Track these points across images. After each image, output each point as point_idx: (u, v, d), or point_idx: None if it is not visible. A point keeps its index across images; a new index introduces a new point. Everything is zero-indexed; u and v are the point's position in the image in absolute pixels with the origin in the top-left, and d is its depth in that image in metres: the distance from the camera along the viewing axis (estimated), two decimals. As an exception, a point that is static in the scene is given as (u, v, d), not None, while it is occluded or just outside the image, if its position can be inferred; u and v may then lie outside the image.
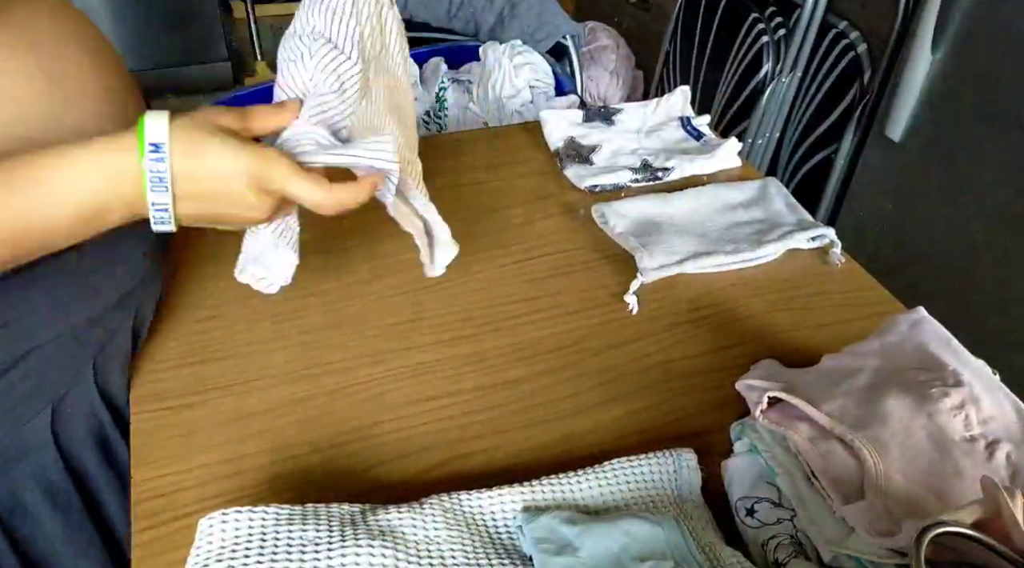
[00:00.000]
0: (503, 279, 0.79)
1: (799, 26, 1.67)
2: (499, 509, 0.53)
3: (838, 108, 1.65)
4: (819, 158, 1.72)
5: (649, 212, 0.86)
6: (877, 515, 0.46)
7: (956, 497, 0.48)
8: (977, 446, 0.51)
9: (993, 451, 0.51)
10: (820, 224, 0.84)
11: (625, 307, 0.76)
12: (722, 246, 0.81)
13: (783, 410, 0.56)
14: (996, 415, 0.53)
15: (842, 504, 0.49)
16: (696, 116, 1.04)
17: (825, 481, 0.50)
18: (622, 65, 2.39)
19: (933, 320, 0.62)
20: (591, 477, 0.55)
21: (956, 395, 0.53)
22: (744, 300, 0.78)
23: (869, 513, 0.47)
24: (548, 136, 1.00)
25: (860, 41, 1.61)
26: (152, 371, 0.67)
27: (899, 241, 1.56)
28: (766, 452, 0.55)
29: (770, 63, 1.73)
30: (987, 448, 0.51)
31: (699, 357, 0.71)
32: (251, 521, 0.48)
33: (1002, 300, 1.36)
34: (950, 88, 1.39)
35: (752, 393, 0.59)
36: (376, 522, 0.49)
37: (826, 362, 0.62)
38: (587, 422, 0.64)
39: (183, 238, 0.67)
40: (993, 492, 0.40)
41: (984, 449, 0.51)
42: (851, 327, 0.74)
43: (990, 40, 1.30)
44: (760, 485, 0.55)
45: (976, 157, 1.36)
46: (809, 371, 0.61)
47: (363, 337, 0.71)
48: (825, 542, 0.49)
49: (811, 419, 0.54)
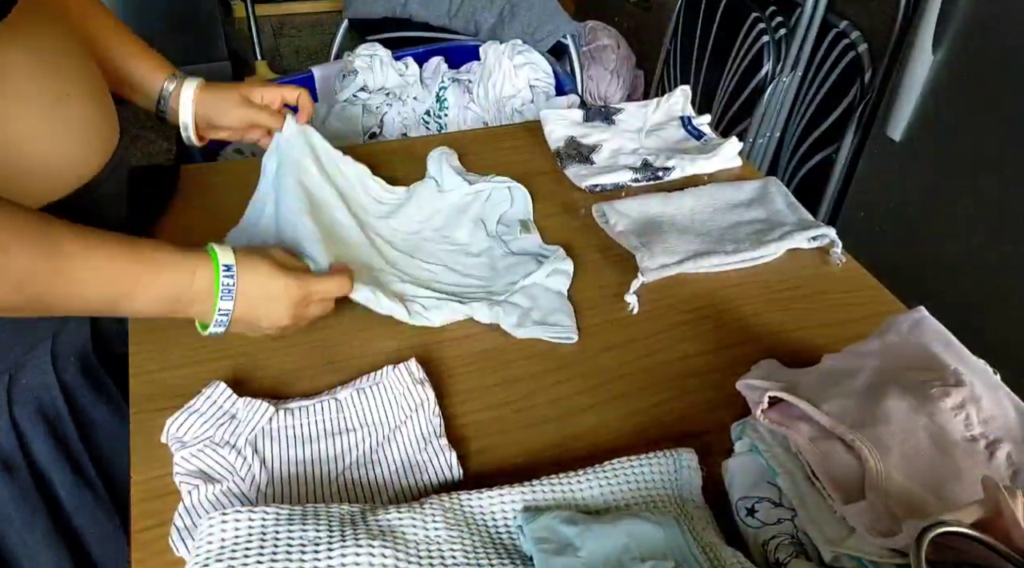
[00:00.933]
0: (503, 279, 0.79)
1: (800, 26, 1.67)
2: (499, 509, 0.53)
3: (839, 108, 1.65)
4: (820, 158, 1.72)
5: (650, 211, 0.86)
6: (878, 515, 0.46)
7: (957, 497, 0.48)
8: (978, 446, 0.51)
9: (994, 451, 0.51)
10: (821, 224, 0.84)
11: (625, 307, 0.76)
12: (723, 246, 0.81)
13: (784, 410, 0.56)
14: (997, 415, 0.53)
15: (843, 504, 0.48)
16: (697, 116, 1.04)
17: (826, 481, 0.50)
18: (622, 65, 2.39)
19: (934, 320, 0.62)
20: (591, 477, 0.55)
21: (957, 395, 0.53)
22: (744, 300, 0.78)
23: (870, 513, 0.46)
24: (548, 136, 1.00)
25: (861, 41, 1.61)
26: (152, 371, 0.67)
27: (899, 240, 1.56)
28: (767, 452, 0.55)
29: (771, 63, 1.73)
30: (988, 448, 0.51)
31: (699, 357, 0.71)
32: (251, 521, 0.48)
33: (1003, 299, 1.35)
34: (950, 88, 1.38)
35: (753, 393, 0.59)
36: (376, 522, 0.49)
37: (827, 362, 0.62)
38: (587, 422, 0.64)
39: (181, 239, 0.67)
40: (994, 492, 0.40)
41: (985, 449, 0.51)
42: (852, 327, 0.74)
43: (990, 40, 1.30)
44: (761, 485, 0.55)
45: (976, 157, 1.36)
46: (810, 371, 0.61)
47: (363, 338, 0.71)
48: (826, 542, 0.48)
49: (812, 419, 0.54)
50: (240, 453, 0.57)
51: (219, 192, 0.88)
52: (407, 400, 0.61)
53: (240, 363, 0.68)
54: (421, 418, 0.61)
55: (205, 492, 0.54)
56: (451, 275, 0.78)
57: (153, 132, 2.63)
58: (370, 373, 0.64)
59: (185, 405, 0.60)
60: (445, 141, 0.97)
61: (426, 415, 0.61)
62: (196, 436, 0.58)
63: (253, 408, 0.60)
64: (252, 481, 0.56)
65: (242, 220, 0.81)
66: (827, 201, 1.71)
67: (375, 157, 0.92)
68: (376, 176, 0.88)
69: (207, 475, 0.56)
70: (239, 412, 0.60)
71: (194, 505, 0.54)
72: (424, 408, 0.61)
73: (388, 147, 1.02)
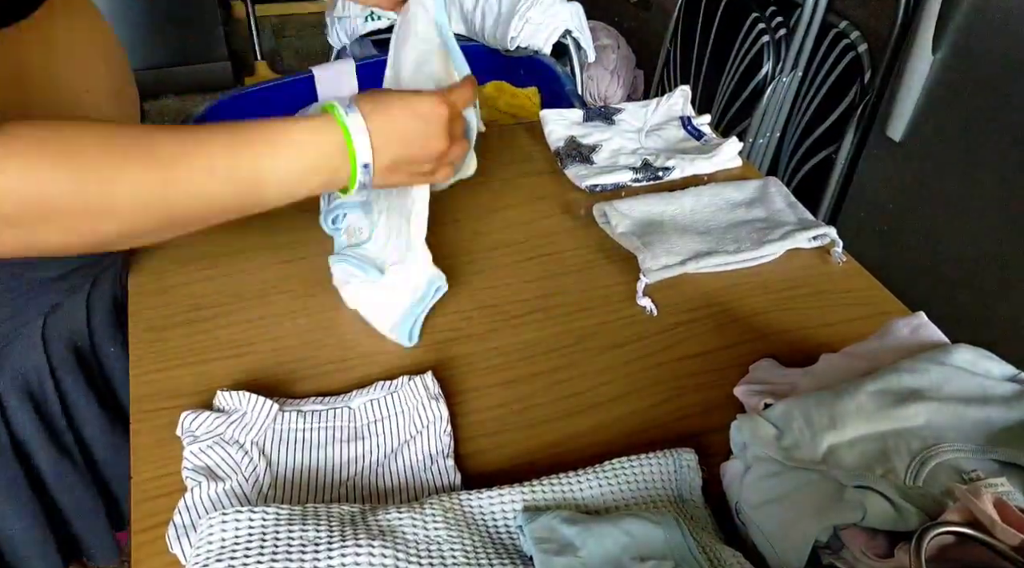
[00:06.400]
0: (503, 279, 0.79)
1: (800, 26, 1.67)
2: (499, 509, 0.53)
3: (839, 108, 1.65)
4: (820, 158, 1.72)
5: (651, 211, 0.86)
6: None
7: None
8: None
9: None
10: (821, 223, 0.84)
11: (626, 307, 0.76)
12: (724, 245, 0.81)
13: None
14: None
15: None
16: (697, 116, 1.04)
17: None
18: (622, 65, 2.39)
19: (933, 326, 0.62)
20: (591, 477, 0.55)
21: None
22: (744, 300, 0.78)
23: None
24: (548, 135, 1.00)
25: (861, 41, 1.61)
26: (152, 371, 0.67)
27: (900, 240, 1.56)
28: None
29: (771, 63, 1.73)
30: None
31: (699, 357, 0.71)
32: (251, 521, 0.48)
33: (1003, 299, 1.35)
34: (950, 88, 1.39)
35: (751, 398, 0.59)
36: (376, 522, 0.49)
37: (823, 363, 0.62)
38: (587, 422, 0.64)
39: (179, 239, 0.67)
40: (963, 499, 0.41)
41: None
42: (852, 327, 0.74)
43: (990, 40, 1.30)
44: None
45: (977, 157, 1.36)
46: (808, 372, 0.61)
47: (363, 338, 0.71)
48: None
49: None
50: (247, 453, 0.57)
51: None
52: (420, 415, 0.61)
53: (242, 363, 0.68)
54: (431, 435, 0.60)
55: (207, 490, 0.54)
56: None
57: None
58: (386, 381, 0.63)
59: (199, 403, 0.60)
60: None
61: (437, 433, 0.60)
62: (208, 431, 0.58)
63: (259, 407, 0.60)
64: (255, 481, 0.56)
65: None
66: (827, 201, 1.71)
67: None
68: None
69: (212, 472, 0.56)
70: (248, 411, 0.59)
71: (194, 502, 0.54)
72: (436, 425, 0.60)
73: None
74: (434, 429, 0.60)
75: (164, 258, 0.79)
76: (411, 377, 0.63)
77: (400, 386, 0.62)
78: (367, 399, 0.62)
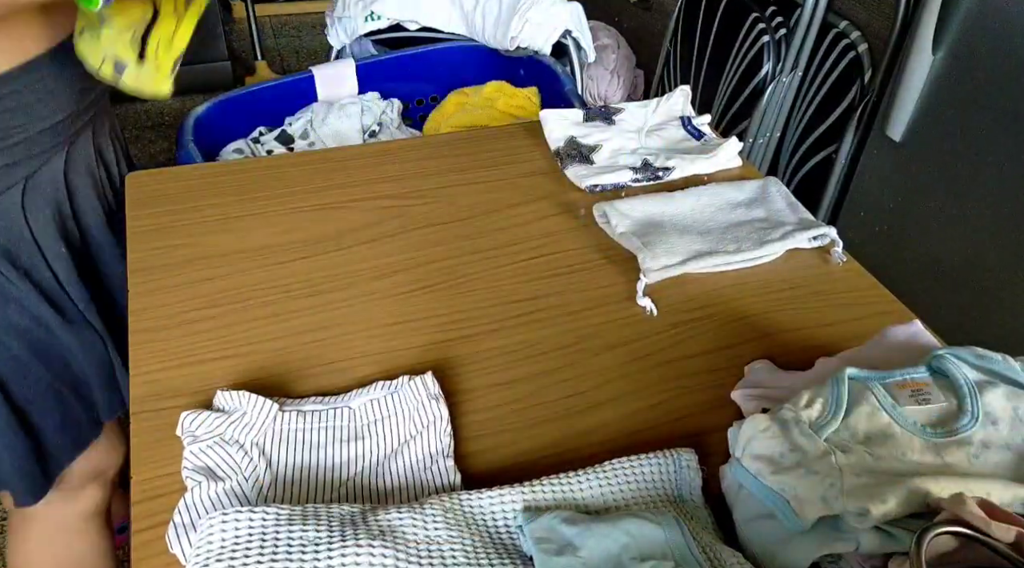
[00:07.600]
0: (503, 279, 0.79)
1: (800, 26, 1.67)
2: (499, 509, 0.53)
3: (839, 108, 1.65)
4: (820, 158, 1.72)
5: (651, 211, 0.86)
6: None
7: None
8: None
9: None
10: (822, 223, 0.84)
11: (626, 307, 0.76)
12: (724, 245, 0.81)
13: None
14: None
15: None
16: (697, 116, 1.04)
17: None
18: (622, 65, 2.39)
19: (927, 333, 0.62)
20: (591, 477, 0.55)
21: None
22: (744, 300, 0.78)
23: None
24: (548, 135, 1.00)
25: (861, 41, 1.61)
26: (152, 371, 0.67)
27: (900, 241, 1.56)
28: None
29: (771, 63, 1.73)
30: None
31: (699, 357, 0.71)
32: (251, 521, 0.48)
33: (1004, 299, 1.35)
34: (950, 88, 1.39)
35: (748, 403, 0.60)
36: (376, 522, 0.49)
37: (819, 368, 0.62)
38: (587, 422, 0.64)
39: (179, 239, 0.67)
40: (950, 508, 0.41)
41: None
42: (852, 327, 0.74)
43: (990, 40, 1.30)
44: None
45: (977, 157, 1.36)
46: (805, 376, 0.62)
47: (363, 338, 0.71)
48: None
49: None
50: (247, 453, 0.57)
51: (227, 191, 0.88)
52: (420, 415, 0.61)
53: (242, 363, 0.68)
54: (431, 435, 0.60)
55: (207, 490, 0.54)
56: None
57: (153, 132, 2.63)
58: (386, 381, 0.63)
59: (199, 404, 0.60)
60: (445, 140, 0.97)
61: (437, 433, 0.60)
62: (208, 431, 0.58)
63: (259, 407, 0.60)
64: (255, 482, 0.56)
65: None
66: (827, 201, 1.71)
67: (376, 156, 0.92)
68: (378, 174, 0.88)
69: (212, 472, 0.56)
70: (248, 411, 0.59)
71: (194, 502, 0.54)
72: (436, 425, 0.60)
73: (387, 147, 1.02)
74: (434, 429, 0.60)
75: (164, 258, 0.79)
76: (411, 377, 0.63)
77: (400, 386, 0.62)
78: (367, 399, 0.62)
